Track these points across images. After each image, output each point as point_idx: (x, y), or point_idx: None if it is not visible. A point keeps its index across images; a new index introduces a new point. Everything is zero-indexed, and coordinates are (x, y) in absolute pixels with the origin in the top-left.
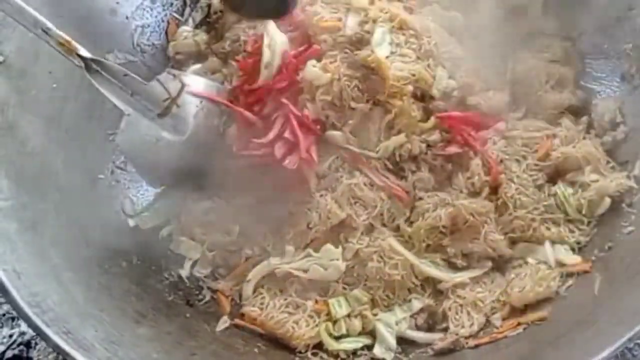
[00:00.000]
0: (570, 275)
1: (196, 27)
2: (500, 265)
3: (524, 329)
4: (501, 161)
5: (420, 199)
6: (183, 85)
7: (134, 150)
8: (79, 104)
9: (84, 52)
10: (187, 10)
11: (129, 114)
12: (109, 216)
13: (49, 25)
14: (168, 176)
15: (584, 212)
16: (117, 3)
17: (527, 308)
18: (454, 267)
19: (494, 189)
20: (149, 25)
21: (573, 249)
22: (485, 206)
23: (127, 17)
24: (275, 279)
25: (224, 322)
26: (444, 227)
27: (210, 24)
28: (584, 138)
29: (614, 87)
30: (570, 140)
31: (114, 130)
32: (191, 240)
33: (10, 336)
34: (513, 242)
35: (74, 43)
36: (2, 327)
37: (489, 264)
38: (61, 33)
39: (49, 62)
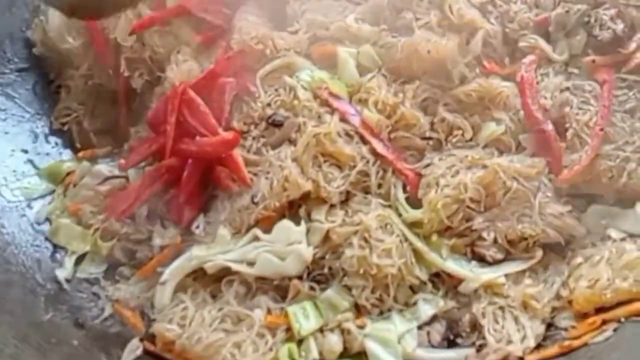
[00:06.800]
0: None
1: None
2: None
3: (615, 329)
4: (567, 89)
5: (429, 164)
6: None
7: None
8: None
9: None
10: None
11: None
12: None
13: None
14: None
15: None
16: None
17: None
18: (481, 258)
19: (560, 131)
20: None
21: None
22: (536, 165)
23: None
24: (205, 278)
25: (132, 350)
26: (472, 200)
27: None
28: None
29: None
30: None
31: None
32: (76, 225)
33: None
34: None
35: None
36: None
37: (540, 253)
38: None
39: None
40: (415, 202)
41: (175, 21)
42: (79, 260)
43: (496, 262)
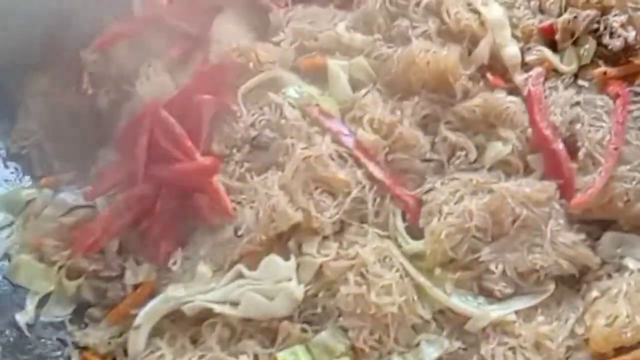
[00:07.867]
0: None
1: None
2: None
3: None
4: (577, 103)
5: (431, 189)
6: None
7: None
8: None
9: None
10: None
11: None
12: None
13: None
14: None
15: None
16: None
17: None
18: (489, 293)
19: (570, 150)
20: None
21: None
22: (546, 189)
23: None
24: (183, 321)
25: None
26: (478, 229)
27: None
28: None
29: None
30: None
31: None
32: (38, 262)
33: None
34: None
35: None
36: None
37: (552, 286)
38: None
39: None
40: (416, 232)
41: (145, 31)
42: (42, 301)
43: (505, 297)
